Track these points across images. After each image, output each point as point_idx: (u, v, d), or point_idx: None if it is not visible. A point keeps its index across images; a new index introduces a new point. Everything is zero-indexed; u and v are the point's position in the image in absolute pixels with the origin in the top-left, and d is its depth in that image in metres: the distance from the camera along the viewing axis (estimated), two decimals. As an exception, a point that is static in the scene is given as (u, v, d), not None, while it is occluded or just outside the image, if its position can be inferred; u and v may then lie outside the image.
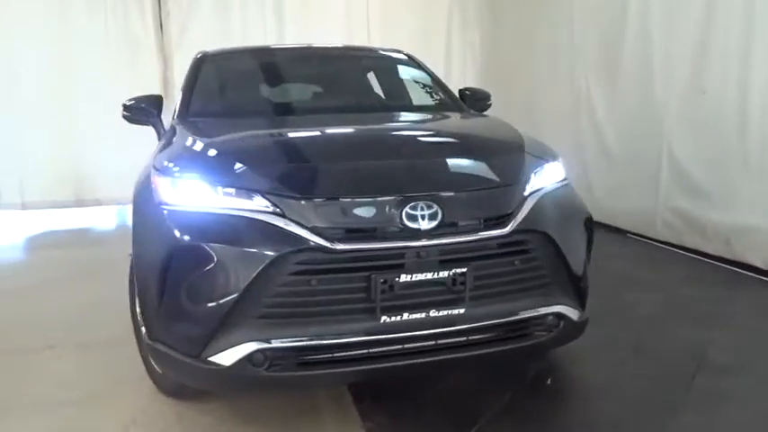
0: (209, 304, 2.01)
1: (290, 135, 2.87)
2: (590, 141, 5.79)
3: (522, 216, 2.16)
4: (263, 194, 2.06)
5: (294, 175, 2.22)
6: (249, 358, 2.01)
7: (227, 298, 1.97)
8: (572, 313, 2.31)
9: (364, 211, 2.04)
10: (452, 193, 2.13)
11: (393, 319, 2.03)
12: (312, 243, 1.97)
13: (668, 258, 4.68)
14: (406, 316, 2.04)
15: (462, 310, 2.08)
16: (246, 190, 2.08)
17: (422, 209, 2.02)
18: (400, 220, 2.01)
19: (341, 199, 2.05)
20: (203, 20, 6.95)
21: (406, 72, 3.86)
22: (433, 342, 2.11)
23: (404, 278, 2.00)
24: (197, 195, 2.15)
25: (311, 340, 2.02)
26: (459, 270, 2.04)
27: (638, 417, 2.40)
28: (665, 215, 4.90)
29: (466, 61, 7.79)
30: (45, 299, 3.95)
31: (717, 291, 3.86)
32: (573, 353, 2.84)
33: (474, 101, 3.57)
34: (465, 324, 2.11)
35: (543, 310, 2.22)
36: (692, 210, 4.63)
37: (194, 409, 2.49)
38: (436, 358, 2.14)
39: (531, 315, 2.21)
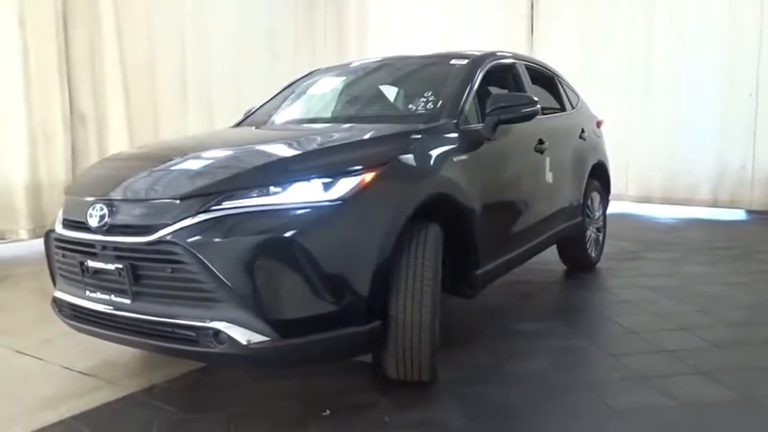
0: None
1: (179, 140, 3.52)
2: None
3: (176, 228, 2.28)
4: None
5: (86, 176, 3.00)
6: (54, 300, 2.78)
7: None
8: (239, 334, 2.24)
9: (75, 208, 2.65)
10: (122, 201, 2.49)
11: (92, 294, 2.54)
12: (56, 227, 2.71)
13: None
14: (99, 294, 2.51)
15: (128, 301, 2.41)
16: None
17: (96, 210, 2.48)
18: (85, 218, 2.51)
19: (71, 197, 2.76)
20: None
21: (445, 80, 3.46)
22: (124, 322, 2.45)
23: (90, 263, 2.49)
24: None
25: (65, 297, 2.68)
26: (118, 265, 2.40)
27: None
28: None
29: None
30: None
31: None
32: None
33: (494, 108, 3.20)
34: (134, 313, 2.40)
35: (198, 322, 2.27)
36: None
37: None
38: (124, 336, 2.49)
39: (190, 323, 2.29)
